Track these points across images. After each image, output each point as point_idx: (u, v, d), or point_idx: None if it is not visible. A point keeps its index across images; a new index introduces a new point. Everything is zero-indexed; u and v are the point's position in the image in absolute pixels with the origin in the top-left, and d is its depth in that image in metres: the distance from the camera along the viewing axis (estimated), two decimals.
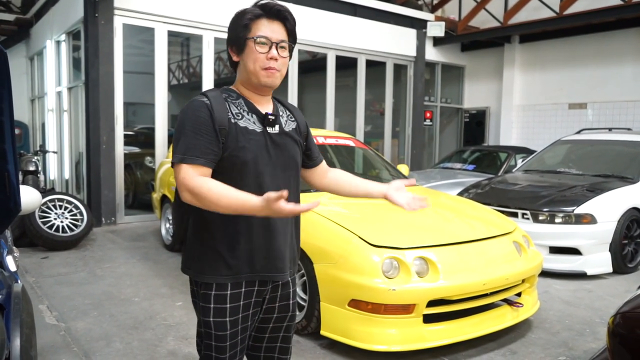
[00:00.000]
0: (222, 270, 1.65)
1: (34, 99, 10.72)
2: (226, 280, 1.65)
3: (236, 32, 1.67)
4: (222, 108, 1.62)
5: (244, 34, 1.65)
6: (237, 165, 1.62)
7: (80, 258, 5.34)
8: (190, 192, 1.53)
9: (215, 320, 1.66)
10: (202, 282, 1.67)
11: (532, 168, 6.59)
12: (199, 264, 1.67)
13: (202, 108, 1.59)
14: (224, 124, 1.60)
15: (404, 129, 10.70)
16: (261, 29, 1.64)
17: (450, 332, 3.12)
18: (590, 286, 4.71)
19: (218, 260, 1.65)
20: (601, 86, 9.24)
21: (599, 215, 4.92)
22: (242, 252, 1.65)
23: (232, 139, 1.61)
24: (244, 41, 1.65)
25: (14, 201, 2.06)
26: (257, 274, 1.68)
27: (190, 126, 1.58)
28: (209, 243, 1.66)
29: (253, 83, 1.67)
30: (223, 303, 1.66)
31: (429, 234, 3.39)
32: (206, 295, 1.67)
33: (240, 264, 1.65)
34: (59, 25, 8.37)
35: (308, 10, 8.56)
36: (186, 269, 1.74)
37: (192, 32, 7.68)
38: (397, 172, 4.94)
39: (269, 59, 1.63)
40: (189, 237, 1.72)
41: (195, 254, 1.69)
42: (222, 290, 1.66)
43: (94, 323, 3.63)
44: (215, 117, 1.59)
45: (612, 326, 1.83)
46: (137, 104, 11.39)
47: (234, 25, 1.68)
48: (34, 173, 6.43)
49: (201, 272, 1.67)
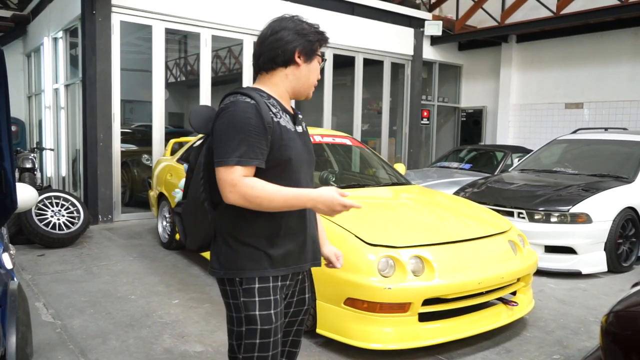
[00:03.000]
0: (264, 263, 1.68)
1: (31, 96, 10.69)
2: (269, 274, 1.68)
3: (309, 42, 1.75)
4: (265, 107, 1.66)
5: (316, 48, 1.78)
6: (282, 163, 1.67)
7: (77, 256, 5.34)
8: (243, 193, 1.58)
9: (261, 313, 1.66)
10: (244, 277, 1.68)
11: (528, 167, 6.61)
12: (238, 262, 1.68)
13: (251, 109, 1.62)
14: (270, 122, 1.64)
15: (401, 128, 10.72)
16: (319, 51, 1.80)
17: (445, 331, 3.13)
18: (585, 285, 4.73)
19: (260, 255, 1.68)
20: (597, 86, 9.27)
21: (594, 215, 4.94)
22: (281, 247, 1.71)
23: (277, 138, 1.66)
24: (313, 55, 1.77)
25: (11, 198, 2.06)
26: (293, 265, 1.75)
27: (243, 127, 1.60)
28: (248, 240, 1.68)
29: (298, 92, 1.79)
30: (267, 295, 1.68)
31: (425, 232, 3.41)
32: (249, 289, 1.67)
33: (280, 258, 1.70)
34: (56, 22, 8.35)
35: (306, 8, 8.56)
36: (220, 270, 1.72)
37: (189, 29, 7.67)
38: (394, 171, 4.95)
39: (318, 78, 1.82)
40: (220, 238, 1.73)
41: (231, 252, 1.70)
42: (265, 282, 1.68)
43: (90, 320, 3.63)
44: (263, 117, 1.63)
45: (606, 325, 1.84)
46: (134, 102, 11.39)
47: (313, 37, 1.76)
48: (31, 170, 6.42)
49: (242, 269, 1.68)
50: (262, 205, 1.59)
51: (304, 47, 1.74)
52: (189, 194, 1.76)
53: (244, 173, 1.59)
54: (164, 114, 7.58)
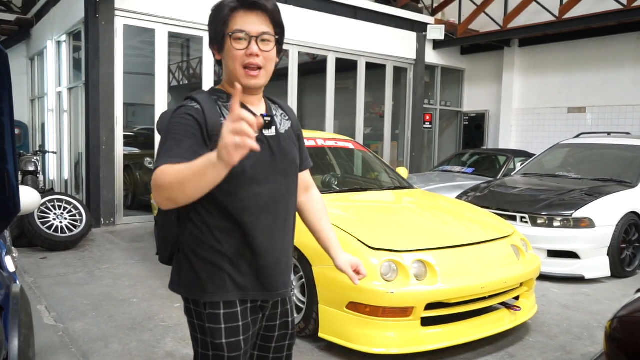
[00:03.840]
0: (228, 286, 1.49)
1: (34, 99, 10.72)
2: (234, 297, 1.50)
3: (215, 28, 1.51)
4: (214, 112, 1.46)
5: (223, 30, 1.49)
6: (233, 175, 1.33)
7: (79, 259, 5.34)
8: (155, 185, 1.32)
9: (228, 341, 1.50)
10: (206, 301, 1.50)
11: (530, 172, 6.60)
12: (199, 282, 1.50)
13: (191, 112, 1.44)
14: (216, 129, 1.40)
15: (404, 132, 10.71)
16: (238, 22, 1.46)
17: (448, 336, 3.12)
18: (588, 290, 4.71)
19: (223, 277, 1.49)
20: (600, 90, 9.26)
21: (597, 219, 4.93)
22: (247, 268, 1.51)
23: None
24: (222, 37, 1.49)
25: (13, 201, 2.06)
26: (263, 292, 1.55)
27: (176, 130, 1.41)
28: (210, 257, 1.49)
29: (232, 83, 1.51)
30: (235, 321, 1.51)
31: (428, 237, 3.40)
32: (214, 315, 1.50)
33: (246, 281, 1.51)
34: (59, 25, 8.38)
35: (308, 12, 8.58)
36: (179, 287, 1.55)
37: (192, 33, 7.69)
38: (396, 175, 4.94)
39: (249, 55, 1.46)
40: (182, 252, 1.55)
41: (191, 270, 1.52)
42: (232, 307, 1.50)
43: (92, 324, 3.62)
44: (207, 123, 1.43)
45: (610, 330, 1.83)
46: (137, 105, 11.40)
47: (213, 21, 1.52)
48: (34, 173, 6.43)
49: (203, 291, 1.50)
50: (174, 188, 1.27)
51: (212, 40, 1.54)
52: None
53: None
54: None
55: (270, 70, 1.54)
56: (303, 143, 1.76)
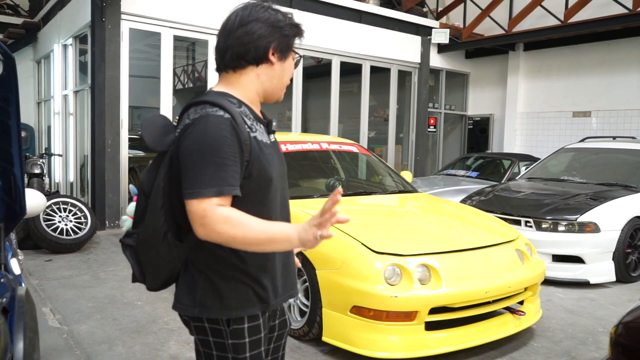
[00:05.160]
0: (253, 300, 1.46)
1: (41, 102, 10.78)
2: (258, 311, 1.48)
3: (285, 37, 1.48)
4: (240, 121, 1.39)
5: (292, 44, 1.49)
6: (261, 184, 1.42)
7: (84, 261, 5.36)
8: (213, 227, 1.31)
9: (252, 354, 1.47)
10: (231, 318, 1.44)
11: (535, 176, 6.58)
12: (223, 300, 1.43)
13: (225, 125, 1.35)
14: (247, 139, 1.38)
15: (408, 135, 10.71)
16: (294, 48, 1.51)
17: (452, 340, 3.11)
18: (593, 295, 4.69)
19: (248, 292, 1.45)
20: (605, 94, 9.23)
21: (602, 224, 4.91)
22: (269, 278, 1.50)
23: (256, 157, 1.40)
24: (289, 51, 1.49)
25: (20, 204, 2.07)
26: (280, 297, 1.55)
27: (218, 150, 1.33)
28: (235, 275, 1.44)
29: (269, 95, 1.52)
30: (258, 333, 1.49)
31: (432, 241, 3.39)
32: (238, 330, 1.45)
33: (269, 293, 1.50)
34: (66, 29, 8.44)
35: (314, 16, 8.60)
36: (194, 307, 1.45)
37: (197, 37, 7.73)
38: (401, 179, 4.94)
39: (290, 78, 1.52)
40: (196, 270, 1.46)
41: (211, 290, 1.44)
42: (255, 321, 1.48)
43: (96, 326, 3.64)
44: (240, 134, 1.36)
45: (615, 336, 1.82)
46: (142, 108, 11.45)
47: (282, 27, 1.47)
48: (39, 176, 6.46)
49: (227, 308, 1.43)
50: (235, 243, 1.32)
51: (279, 43, 1.46)
52: (147, 224, 1.46)
53: (219, 202, 1.32)
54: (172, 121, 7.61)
55: None
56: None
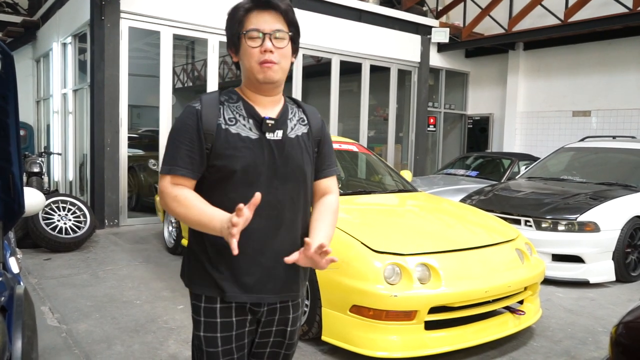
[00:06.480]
0: (210, 282, 1.54)
1: (40, 100, 10.77)
2: (214, 294, 1.53)
3: (231, 30, 1.56)
4: (212, 113, 1.51)
5: (238, 30, 1.53)
6: (225, 175, 1.50)
7: (83, 260, 5.35)
8: (165, 203, 1.51)
9: (205, 335, 1.55)
10: (193, 292, 1.58)
11: (535, 175, 6.58)
12: (189, 272, 1.60)
13: (191, 114, 1.51)
14: (211, 130, 1.49)
15: (408, 135, 10.70)
16: (252, 22, 1.50)
17: (451, 339, 3.11)
18: (593, 294, 4.69)
19: (205, 274, 1.54)
20: (605, 94, 9.23)
21: (602, 223, 4.90)
22: (226, 268, 1.52)
23: (219, 147, 1.49)
24: (238, 38, 1.53)
25: (18, 203, 2.07)
26: (248, 294, 1.53)
27: (177, 134, 1.52)
28: (196, 250, 1.58)
29: (253, 82, 1.54)
30: (213, 317, 1.54)
31: (431, 240, 3.39)
32: (196, 306, 1.57)
33: (225, 284, 1.52)
34: (65, 27, 8.42)
35: (313, 15, 8.59)
36: (182, 276, 1.66)
37: (197, 35, 7.71)
38: (400, 178, 4.93)
39: (263, 52, 1.49)
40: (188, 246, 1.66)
41: (187, 261, 1.63)
42: (212, 303, 1.54)
43: (95, 325, 3.63)
44: (202, 123, 1.49)
45: (615, 336, 1.82)
46: (141, 107, 11.43)
47: (229, 24, 1.57)
48: (38, 174, 6.45)
49: (190, 280, 1.60)
50: (182, 220, 1.49)
51: (230, 42, 1.58)
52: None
53: (176, 182, 1.49)
54: (171, 120, 7.61)
55: (286, 66, 1.55)
56: (327, 150, 1.73)
